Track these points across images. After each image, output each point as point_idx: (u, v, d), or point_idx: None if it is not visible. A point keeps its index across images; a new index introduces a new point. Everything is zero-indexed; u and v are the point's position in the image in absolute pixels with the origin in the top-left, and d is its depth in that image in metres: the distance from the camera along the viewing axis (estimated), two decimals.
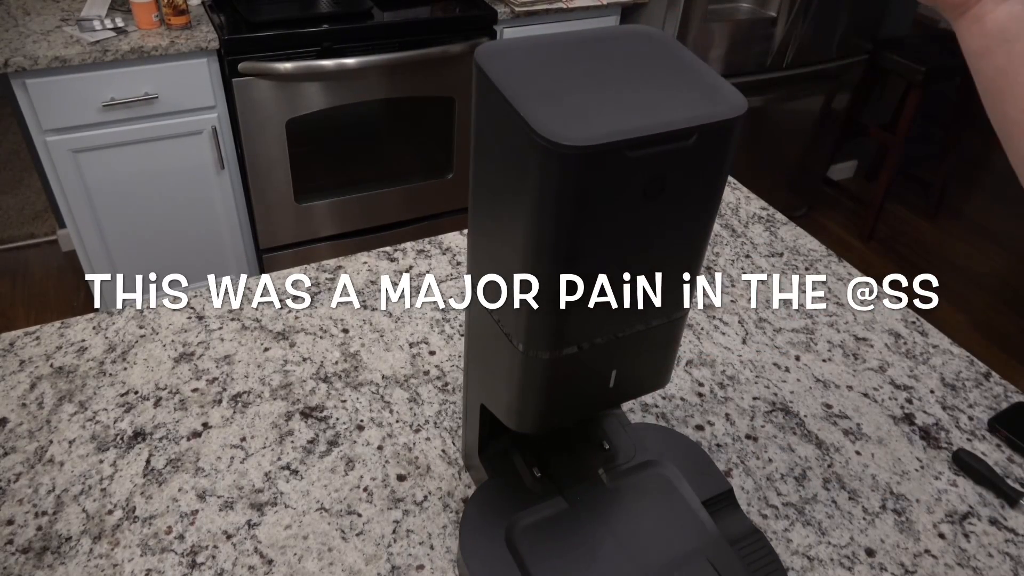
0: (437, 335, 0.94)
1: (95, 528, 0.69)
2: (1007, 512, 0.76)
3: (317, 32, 1.91)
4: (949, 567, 0.71)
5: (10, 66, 1.65)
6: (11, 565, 0.66)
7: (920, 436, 0.84)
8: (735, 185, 1.30)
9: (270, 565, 0.67)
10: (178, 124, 1.90)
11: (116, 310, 0.94)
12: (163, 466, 0.75)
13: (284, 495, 0.73)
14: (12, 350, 0.88)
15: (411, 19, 2.02)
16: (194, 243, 2.13)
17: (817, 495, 0.77)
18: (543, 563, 0.62)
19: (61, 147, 1.80)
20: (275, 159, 2.04)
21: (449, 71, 2.12)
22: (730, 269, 1.09)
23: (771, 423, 0.85)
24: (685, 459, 0.72)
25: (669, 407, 0.86)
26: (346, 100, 2.04)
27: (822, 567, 0.70)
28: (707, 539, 0.65)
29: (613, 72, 0.48)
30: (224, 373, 0.86)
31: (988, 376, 0.93)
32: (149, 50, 1.75)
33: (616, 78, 0.47)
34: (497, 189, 0.49)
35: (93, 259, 2.02)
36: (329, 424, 0.81)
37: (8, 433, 0.78)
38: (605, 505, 0.67)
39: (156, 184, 1.97)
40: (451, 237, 1.12)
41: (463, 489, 0.75)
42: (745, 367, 0.92)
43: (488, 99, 0.47)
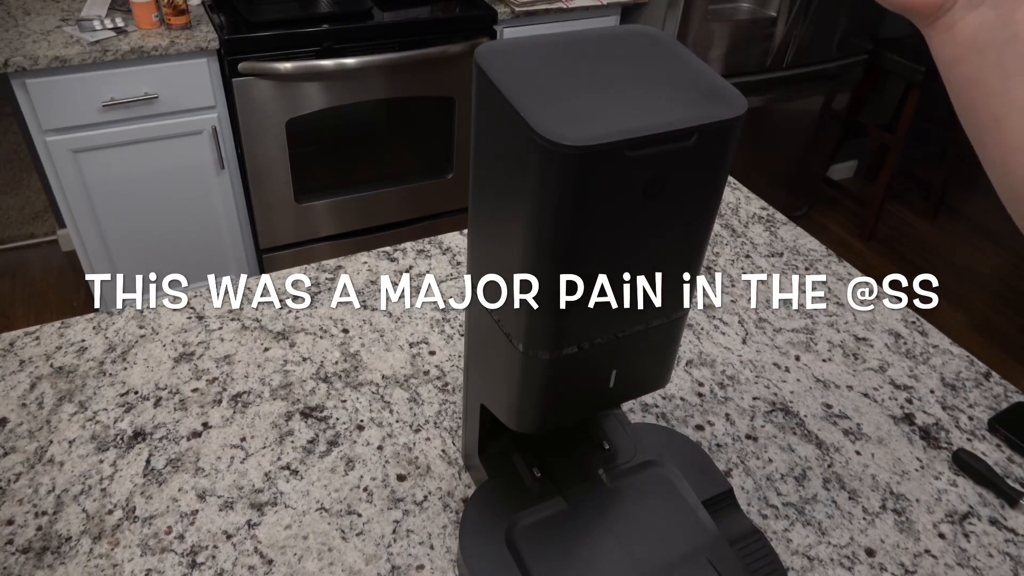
0: (437, 335, 0.94)
1: (95, 528, 0.69)
2: (1007, 512, 0.76)
3: (317, 32, 1.91)
4: (949, 567, 0.71)
5: (10, 66, 1.65)
6: (11, 565, 0.66)
7: (920, 436, 0.84)
8: (735, 185, 1.30)
9: (270, 565, 0.67)
10: (178, 124, 1.90)
11: (116, 310, 0.94)
12: (163, 466, 0.75)
13: (284, 495, 0.73)
14: (12, 350, 0.88)
15: (411, 19, 2.02)
16: (194, 243, 2.13)
17: (817, 495, 0.77)
18: (543, 563, 0.62)
19: (61, 147, 1.80)
20: (275, 159, 2.04)
21: (449, 71, 2.12)
22: (730, 269, 1.09)
23: (771, 423, 0.85)
24: (685, 459, 0.72)
25: (669, 407, 0.86)
26: (346, 100, 2.04)
27: (822, 567, 0.70)
28: (707, 539, 0.65)
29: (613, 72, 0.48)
30: (224, 373, 0.86)
31: (988, 376, 0.93)
32: (149, 50, 1.75)
33: (616, 78, 0.47)
34: (497, 189, 0.49)
35: (93, 259, 2.02)
36: (329, 424, 0.81)
37: (8, 433, 0.78)
38: (605, 505, 0.67)
39: (156, 184, 1.97)
40: (451, 237, 1.11)
41: (463, 489, 0.75)
42: (745, 367, 0.92)
43: (488, 99, 0.47)
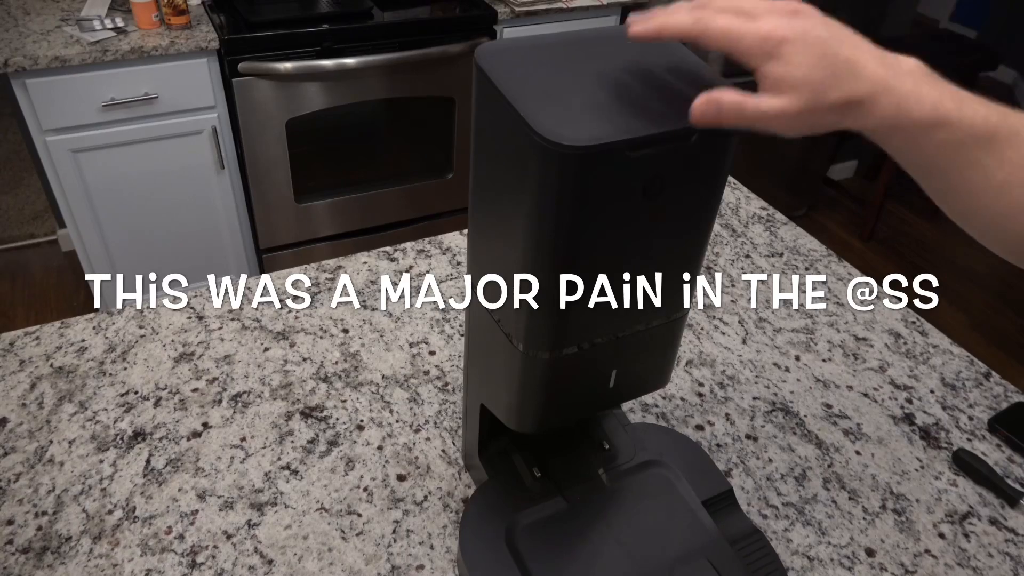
0: (437, 335, 0.94)
1: (95, 528, 0.69)
2: (1007, 512, 0.76)
3: (317, 32, 1.91)
4: (949, 567, 0.71)
5: (10, 66, 1.65)
6: (11, 565, 0.66)
7: (920, 436, 0.84)
8: (735, 185, 1.30)
9: (270, 565, 0.67)
10: (178, 124, 1.90)
11: (116, 310, 0.94)
12: (163, 466, 0.75)
13: (284, 495, 0.73)
14: (12, 350, 0.88)
15: (411, 19, 2.02)
16: (194, 243, 2.13)
17: (817, 495, 0.77)
18: (543, 563, 0.62)
19: (61, 147, 1.80)
20: (275, 159, 2.04)
21: (449, 71, 2.12)
22: (730, 269, 1.09)
23: (771, 423, 0.85)
24: (685, 459, 0.72)
25: (669, 407, 0.86)
26: (346, 100, 2.04)
27: (822, 567, 0.70)
28: (707, 539, 0.65)
29: (613, 72, 0.48)
30: (224, 373, 0.86)
31: (988, 376, 0.93)
32: (149, 50, 1.75)
33: (616, 78, 0.47)
34: (497, 189, 0.49)
35: (93, 259, 2.02)
36: (329, 424, 0.81)
37: (8, 433, 0.78)
38: (605, 505, 0.67)
39: (156, 184, 1.97)
40: (451, 237, 1.11)
41: (463, 489, 0.75)
42: (745, 367, 0.92)
43: (488, 99, 0.47)
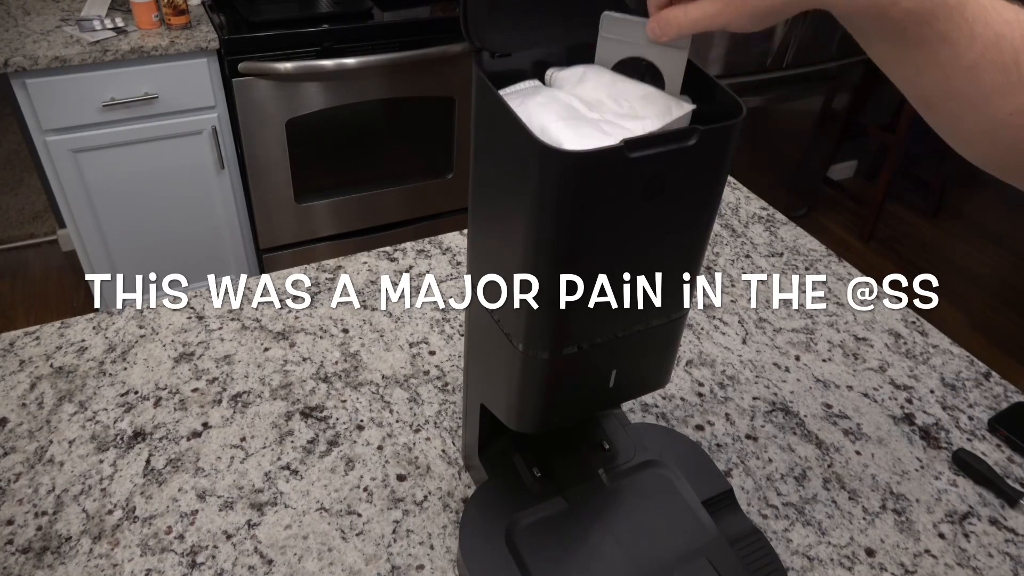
0: (437, 335, 0.94)
1: (95, 528, 0.69)
2: (1007, 512, 0.76)
3: (317, 32, 1.91)
4: (949, 567, 0.71)
5: (10, 66, 1.65)
6: (11, 565, 0.66)
7: (920, 436, 0.84)
8: (735, 185, 1.30)
9: (270, 565, 0.67)
10: (178, 124, 1.90)
11: (116, 310, 0.94)
12: (163, 466, 0.75)
13: (284, 495, 0.73)
14: (12, 350, 0.88)
15: (411, 19, 2.02)
16: (194, 243, 2.13)
17: (817, 495, 0.77)
18: (543, 563, 0.62)
19: (61, 147, 1.80)
20: (275, 159, 2.04)
21: (449, 71, 2.12)
22: (730, 269, 1.09)
23: (771, 423, 0.85)
24: (685, 459, 0.72)
25: (669, 407, 0.86)
26: (346, 100, 2.04)
27: (822, 567, 0.70)
28: (707, 539, 0.65)
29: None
30: (224, 373, 0.86)
31: (988, 376, 0.93)
32: (149, 50, 1.75)
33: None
34: (497, 189, 0.49)
35: (93, 259, 2.02)
36: (329, 424, 0.81)
37: (8, 433, 0.78)
38: (605, 505, 0.67)
39: (156, 184, 1.97)
40: (451, 237, 1.11)
41: (463, 489, 0.75)
42: (745, 367, 0.92)
43: (487, 99, 0.47)
